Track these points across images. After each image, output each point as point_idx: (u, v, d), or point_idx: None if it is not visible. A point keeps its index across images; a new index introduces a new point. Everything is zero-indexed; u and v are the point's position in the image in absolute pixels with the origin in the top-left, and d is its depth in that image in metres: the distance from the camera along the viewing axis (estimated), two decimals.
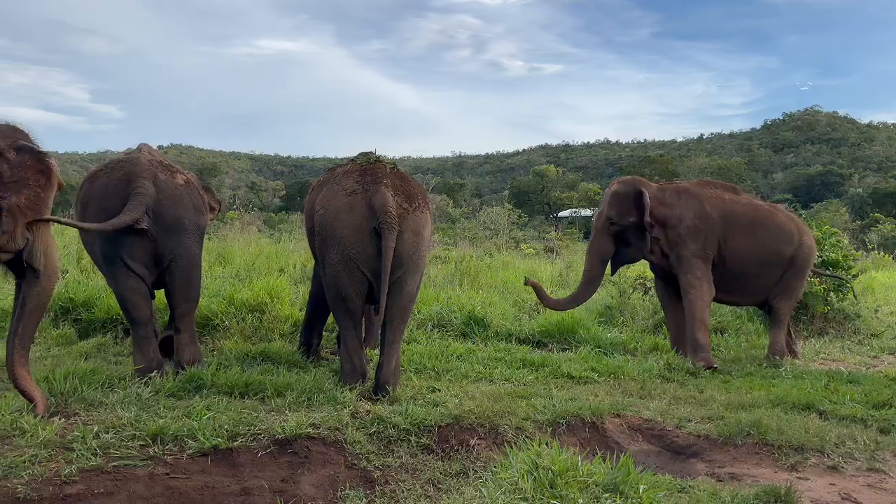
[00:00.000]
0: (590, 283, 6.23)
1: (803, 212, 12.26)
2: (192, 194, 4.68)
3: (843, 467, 3.66)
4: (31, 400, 3.46)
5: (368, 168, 4.53)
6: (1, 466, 2.83)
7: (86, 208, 4.44)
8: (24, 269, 3.56)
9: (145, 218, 4.24)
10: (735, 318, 7.44)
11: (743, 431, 3.98)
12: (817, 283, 7.70)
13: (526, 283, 6.33)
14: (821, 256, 7.99)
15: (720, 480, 3.52)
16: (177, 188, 4.53)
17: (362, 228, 4.26)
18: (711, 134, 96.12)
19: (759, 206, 6.41)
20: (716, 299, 6.24)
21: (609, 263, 6.30)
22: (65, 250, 7.99)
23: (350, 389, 4.20)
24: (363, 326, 5.01)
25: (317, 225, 4.52)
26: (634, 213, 5.99)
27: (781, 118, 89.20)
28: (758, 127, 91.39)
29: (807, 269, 6.43)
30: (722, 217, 6.10)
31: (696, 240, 6.01)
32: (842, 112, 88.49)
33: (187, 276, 4.60)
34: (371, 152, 4.84)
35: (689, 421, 4.24)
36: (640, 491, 2.80)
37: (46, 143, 3.68)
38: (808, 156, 68.54)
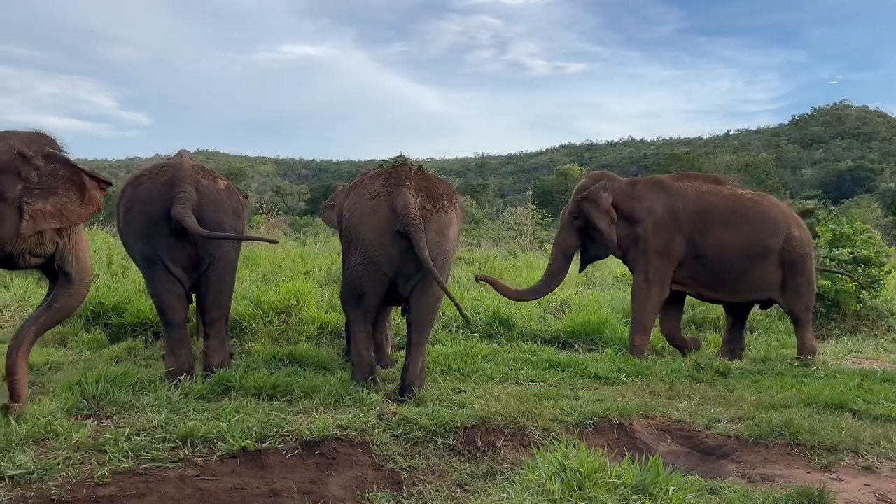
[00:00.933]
0: (551, 276, 6.10)
1: (834, 208, 12.02)
2: (233, 200, 4.76)
3: (877, 468, 3.58)
4: (16, 396, 3.49)
5: (393, 171, 4.57)
6: (36, 469, 2.88)
7: (129, 212, 4.52)
8: (56, 273, 3.70)
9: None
10: (765, 318, 7.33)
11: (774, 432, 3.92)
12: (848, 281, 7.56)
13: (478, 280, 6.11)
14: (852, 253, 7.86)
15: (751, 482, 3.46)
16: (218, 193, 4.61)
17: (384, 230, 4.29)
18: (738, 130, 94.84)
19: (740, 197, 6.03)
20: (702, 298, 6.18)
21: (579, 259, 6.29)
22: (95, 255, 8.13)
23: (365, 388, 4.25)
24: None
25: (343, 228, 4.59)
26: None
27: (810, 113, 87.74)
28: (785, 122, 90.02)
29: (805, 263, 6.01)
30: (696, 211, 5.86)
31: (660, 235, 5.85)
32: (872, 106, 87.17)
33: (221, 281, 4.66)
34: (400, 156, 4.89)
35: (719, 421, 4.19)
36: (670, 493, 2.77)
37: (76, 151, 3.78)
38: (838, 151, 67.29)
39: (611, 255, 6.23)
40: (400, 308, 5.01)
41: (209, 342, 4.67)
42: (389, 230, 4.28)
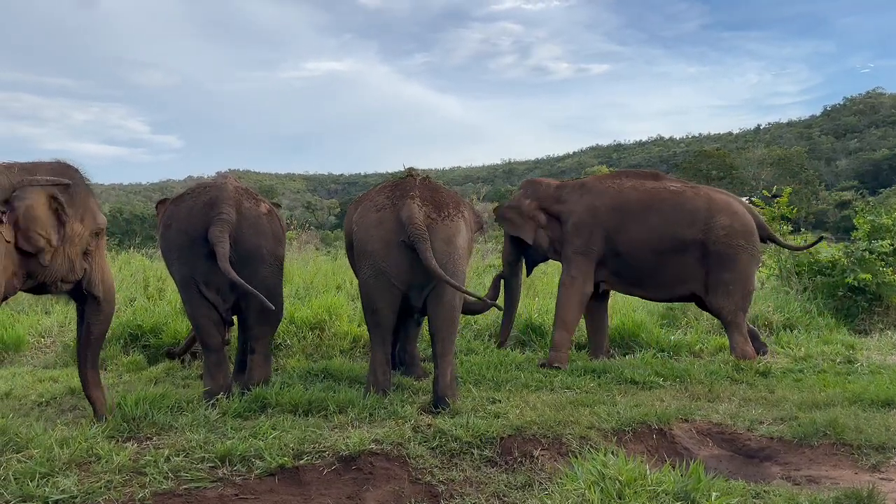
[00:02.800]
0: (496, 284, 6.00)
1: (871, 199, 11.75)
2: (273, 224, 4.75)
3: None
4: (97, 412, 3.91)
5: (399, 183, 4.63)
6: (79, 493, 2.92)
7: (168, 229, 4.53)
8: (84, 296, 3.86)
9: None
10: (804, 314, 7.17)
11: (818, 432, 3.82)
12: (890, 273, 7.37)
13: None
14: (892, 245, 7.66)
15: (797, 484, 3.38)
16: (259, 217, 4.61)
17: (391, 242, 4.33)
18: (769, 124, 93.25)
19: (660, 191, 5.72)
20: (630, 293, 6.11)
21: (525, 264, 6.34)
22: (132, 278, 8.29)
23: (396, 399, 4.25)
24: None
25: (353, 241, 4.64)
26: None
27: (842, 103, 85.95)
28: (818, 114, 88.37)
29: (736, 257, 5.46)
30: (612, 208, 5.73)
31: (579, 235, 5.81)
32: None
33: (262, 303, 4.67)
34: (410, 168, 4.91)
35: (761, 423, 4.09)
36: (713, 498, 2.71)
37: (110, 176, 4.00)
38: (873, 140, 65.72)
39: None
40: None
41: (253, 356, 4.70)
42: (395, 241, 4.31)
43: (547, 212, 5.97)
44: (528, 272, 6.57)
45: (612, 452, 3.22)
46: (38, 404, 4.55)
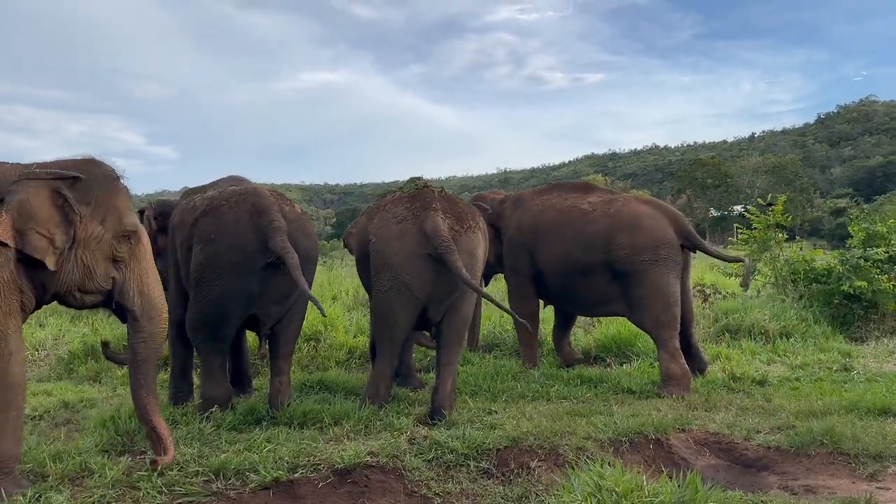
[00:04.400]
0: None
1: (866, 206, 11.78)
2: (310, 225, 4.64)
3: None
4: (159, 451, 3.30)
5: (417, 194, 4.54)
6: None
7: (211, 243, 4.16)
8: (123, 311, 3.37)
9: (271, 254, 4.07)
10: (800, 322, 7.17)
11: (816, 441, 3.81)
12: (885, 281, 7.38)
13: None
14: (887, 252, 7.68)
15: (794, 494, 3.37)
16: (301, 219, 4.47)
17: (415, 254, 4.27)
18: (763, 132, 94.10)
19: (570, 211, 5.55)
20: (568, 311, 6.07)
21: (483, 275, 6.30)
22: None
23: (398, 413, 4.20)
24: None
25: (371, 253, 4.50)
26: None
27: (836, 111, 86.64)
28: (811, 122, 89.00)
29: (645, 273, 5.13)
30: (532, 227, 5.70)
31: (511, 252, 5.86)
32: None
33: (301, 316, 4.59)
34: (419, 178, 4.86)
35: (758, 432, 4.08)
36: None
37: None
38: (867, 147, 66.15)
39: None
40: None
41: (281, 378, 4.47)
42: (421, 253, 4.25)
43: (493, 226, 5.91)
44: (486, 282, 6.59)
45: (609, 463, 3.21)
46: (32, 418, 4.51)
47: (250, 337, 5.29)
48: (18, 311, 3.04)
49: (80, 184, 3.15)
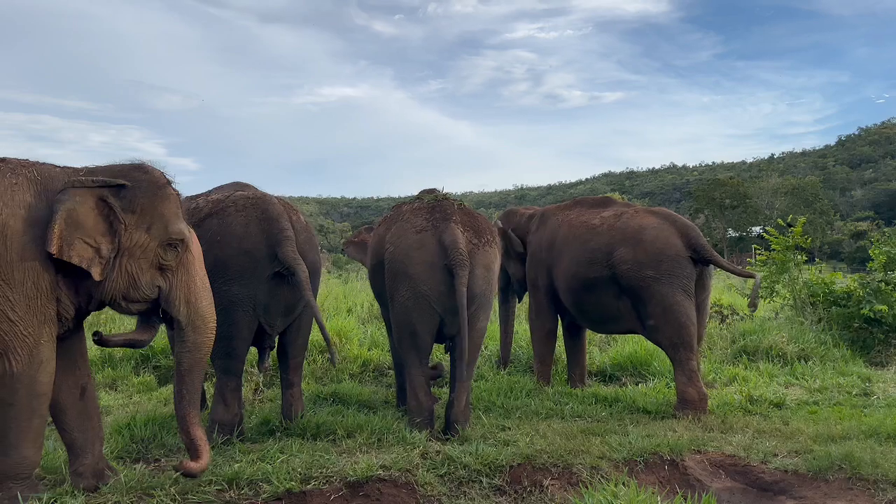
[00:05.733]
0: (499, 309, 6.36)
1: (887, 229, 11.63)
2: (314, 234, 4.59)
3: None
4: (194, 456, 3.21)
5: (437, 205, 4.52)
6: None
7: (217, 245, 4.01)
8: (171, 319, 3.30)
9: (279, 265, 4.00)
10: (819, 345, 7.08)
11: (834, 465, 3.75)
12: None
13: None
14: None
15: None
16: (308, 229, 4.43)
17: (434, 265, 4.25)
18: (783, 153, 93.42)
19: (580, 227, 5.46)
20: (587, 328, 5.94)
21: (515, 291, 6.49)
22: None
23: (419, 429, 4.17)
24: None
25: (387, 262, 4.46)
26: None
27: (857, 133, 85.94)
28: (832, 143, 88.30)
29: (650, 288, 4.94)
30: (550, 243, 5.68)
31: (532, 267, 5.91)
32: None
33: (308, 326, 4.55)
34: (435, 189, 4.86)
35: (775, 455, 4.02)
36: None
37: None
38: (889, 171, 65.40)
39: None
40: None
41: (293, 390, 4.45)
42: (439, 265, 4.24)
43: (524, 242, 6.04)
44: (519, 298, 6.63)
45: (623, 483, 3.18)
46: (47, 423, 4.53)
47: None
48: (54, 321, 3.02)
49: (126, 191, 3.10)
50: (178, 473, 3.23)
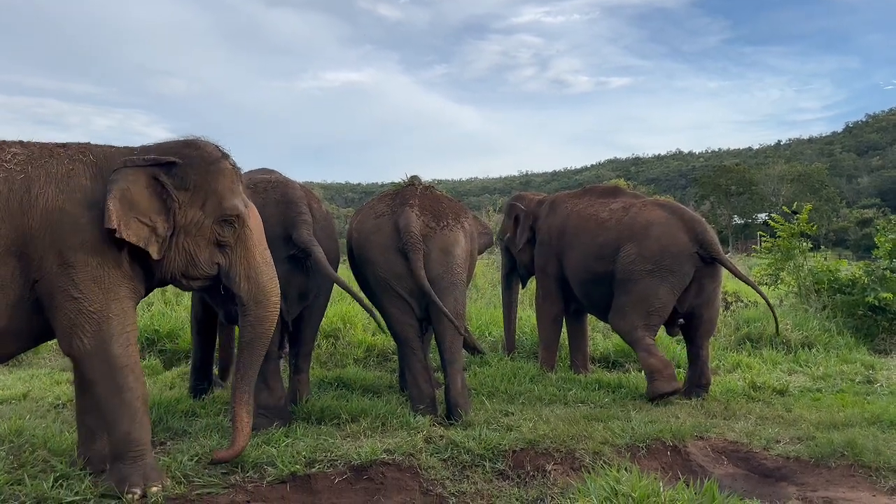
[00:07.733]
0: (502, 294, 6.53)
1: (893, 217, 11.59)
2: (333, 224, 4.63)
3: None
4: (232, 441, 3.26)
5: (400, 191, 4.63)
6: (92, 496, 2.94)
7: None
8: (232, 295, 3.31)
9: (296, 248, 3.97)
10: (823, 333, 7.08)
11: (836, 452, 3.76)
12: None
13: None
14: None
15: None
16: (327, 217, 4.48)
17: (388, 249, 4.33)
18: (790, 140, 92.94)
19: (590, 219, 5.50)
20: (596, 316, 6.00)
21: (520, 276, 6.48)
22: None
23: (422, 414, 4.19)
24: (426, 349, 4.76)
25: (354, 249, 4.61)
26: (511, 227, 6.18)
27: (865, 120, 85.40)
28: (839, 130, 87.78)
29: (635, 280, 5.00)
30: (560, 231, 5.72)
31: (542, 254, 5.92)
32: None
33: (321, 313, 4.58)
34: (416, 176, 4.85)
35: (778, 442, 4.04)
36: None
37: None
38: None
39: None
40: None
41: (300, 376, 4.54)
42: (393, 248, 4.31)
43: (530, 228, 6.04)
44: (523, 284, 6.65)
45: (626, 468, 3.19)
46: (55, 406, 4.59)
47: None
48: (126, 297, 3.00)
49: (177, 169, 3.09)
50: (181, 457, 3.27)
